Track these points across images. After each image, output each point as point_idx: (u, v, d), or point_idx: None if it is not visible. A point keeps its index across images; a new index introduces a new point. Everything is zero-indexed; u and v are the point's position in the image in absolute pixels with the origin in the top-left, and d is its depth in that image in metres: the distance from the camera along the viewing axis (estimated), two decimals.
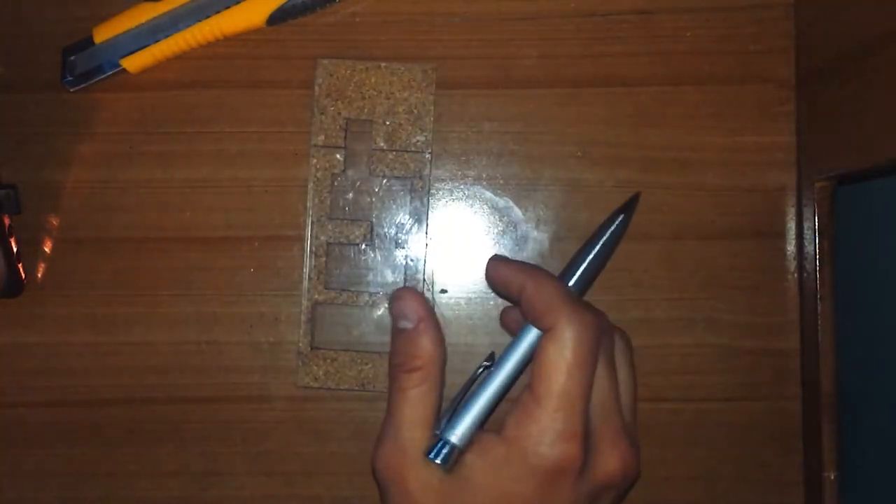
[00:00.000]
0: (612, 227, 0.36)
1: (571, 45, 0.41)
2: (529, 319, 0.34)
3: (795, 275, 0.41)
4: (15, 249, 0.40)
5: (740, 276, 0.41)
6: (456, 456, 0.33)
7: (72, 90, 0.41)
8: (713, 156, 0.41)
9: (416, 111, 0.39)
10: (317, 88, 0.40)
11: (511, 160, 0.41)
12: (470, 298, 0.41)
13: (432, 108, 0.40)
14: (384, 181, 0.40)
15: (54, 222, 0.41)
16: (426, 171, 0.40)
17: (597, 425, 0.33)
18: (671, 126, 0.41)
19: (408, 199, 0.40)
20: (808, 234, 0.40)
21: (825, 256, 0.39)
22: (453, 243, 0.41)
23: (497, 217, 0.41)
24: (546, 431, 0.31)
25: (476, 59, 0.41)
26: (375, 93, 0.39)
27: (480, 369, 0.34)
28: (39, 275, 0.41)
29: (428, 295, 0.41)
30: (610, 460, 0.32)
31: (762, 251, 0.41)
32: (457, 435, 0.33)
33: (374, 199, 0.40)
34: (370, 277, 0.41)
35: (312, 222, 0.40)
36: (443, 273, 0.41)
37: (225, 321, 0.41)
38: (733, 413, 0.41)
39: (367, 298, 0.40)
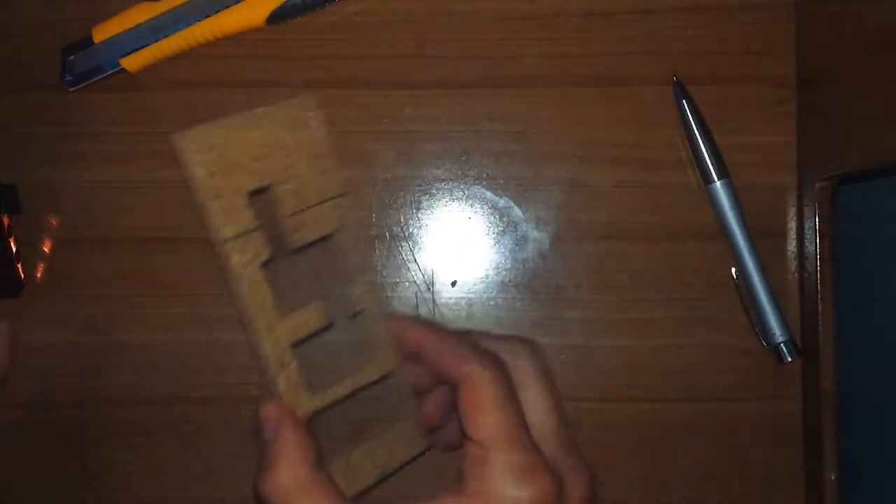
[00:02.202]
0: (689, 115, 0.39)
1: (571, 45, 0.41)
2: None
3: (796, 274, 0.41)
4: (14, 249, 0.40)
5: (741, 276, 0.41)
6: None
7: (71, 90, 0.41)
8: None
9: (311, 153, 0.32)
10: (195, 171, 0.29)
11: (511, 160, 0.41)
12: (470, 299, 0.41)
13: (326, 142, 0.32)
14: (316, 246, 0.33)
15: (54, 222, 0.41)
16: (350, 217, 0.32)
17: (549, 454, 0.31)
18: (671, 126, 0.41)
19: (348, 253, 0.33)
20: (808, 233, 0.40)
21: (826, 256, 0.39)
22: (453, 244, 0.41)
23: (497, 217, 0.41)
24: (507, 472, 0.30)
25: (476, 59, 0.41)
26: (266, 148, 0.31)
27: None
28: (39, 275, 0.41)
29: (429, 302, 0.41)
30: (577, 485, 0.31)
31: (763, 251, 0.41)
32: None
33: (316, 271, 0.34)
34: (347, 354, 0.35)
35: (263, 329, 0.32)
36: (443, 273, 0.41)
37: (225, 321, 0.41)
38: (733, 413, 0.41)
39: (351, 384, 0.34)
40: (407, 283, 0.41)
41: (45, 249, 0.41)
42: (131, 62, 0.40)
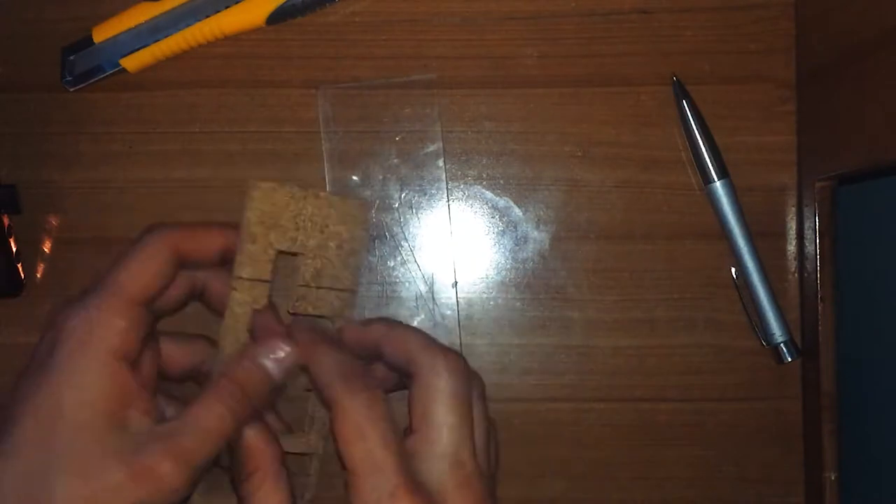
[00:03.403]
0: (689, 114, 0.40)
1: (571, 45, 0.41)
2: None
3: (796, 275, 0.41)
4: (14, 249, 0.40)
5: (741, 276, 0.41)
6: None
7: (71, 90, 0.41)
8: None
9: (346, 247, 0.36)
10: (249, 214, 0.34)
11: (511, 160, 0.41)
12: (470, 299, 0.41)
13: (364, 245, 0.37)
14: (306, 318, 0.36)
15: (54, 222, 0.41)
16: (348, 311, 0.36)
17: (442, 471, 0.31)
18: (671, 126, 0.41)
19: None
20: (808, 233, 0.40)
21: (826, 256, 0.39)
22: (453, 244, 0.41)
23: (497, 217, 0.41)
24: (370, 497, 0.30)
25: (476, 59, 0.41)
26: (310, 224, 0.35)
27: None
28: (39, 275, 0.41)
29: (429, 305, 0.41)
30: None
31: (763, 251, 0.41)
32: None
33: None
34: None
35: (225, 354, 0.35)
36: (443, 273, 0.41)
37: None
38: (733, 413, 0.41)
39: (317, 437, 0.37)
40: (407, 283, 0.41)
41: (45, 249, 0.41)
42: (131, 62, 0.40)
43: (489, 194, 0.41)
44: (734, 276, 0.41)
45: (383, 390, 0.32)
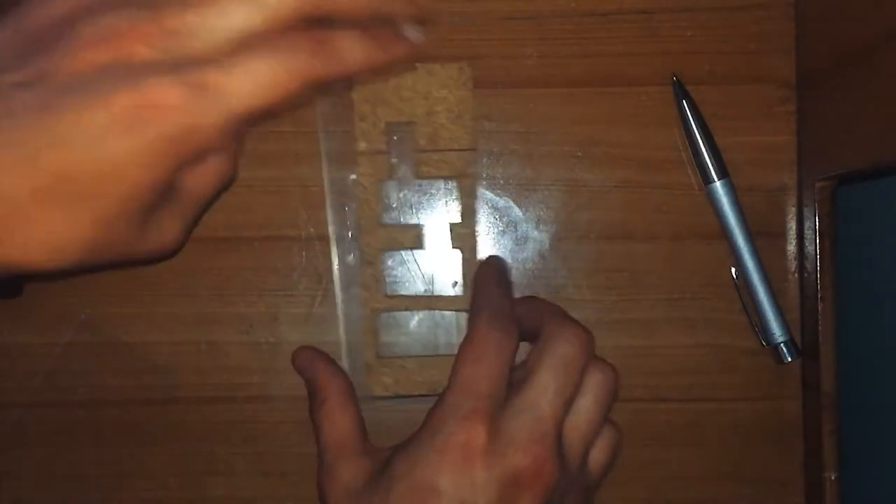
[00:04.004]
0: (689, 114, 0.40)
1: (571, 45, 0.41)
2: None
3: (796, 275, 0.41)
4: None
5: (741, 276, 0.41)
6: None
7: None
8: None
9: (455, 109, 0.40)
10: (354, 95, 0.39)
11: (511, 160, 0.41)
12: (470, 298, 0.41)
13: (470, 104, 0.40)
14: (430, 182, 0.40)
15: None
16: (471, 169, 0.40)
17: (522, 422, 0.32)
18: (671, 126, 0.41)
19: (456, 197, 0.40)
20: (808, 234, 0.40)
21: (826, 256, 0.39)
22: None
23: (497, 217, 0.41)
24: (449, 411, 0.32)
25: (476, 59, 0.41)
26: (413, 94, 0.39)
27: None
28: None
29: (425, 286, 0.41)
30: (521, 454, 0.31)
31: (763, 251, 0.41)
32: None
33: (422, 201, 0.40)
34: (426, 280, 0.41)
35: (362, 226, 0.40)
36: (443, 273, 0.41)
37: (225, 321, 0.41)
38: (733, 413, 0.41)
39: (426, 302, 0.41)
40: (407, 283, 0.41)
41: None
42: None
43: (489, 194, 0.41)
44: (734, 276, 0.41)
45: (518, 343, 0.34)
